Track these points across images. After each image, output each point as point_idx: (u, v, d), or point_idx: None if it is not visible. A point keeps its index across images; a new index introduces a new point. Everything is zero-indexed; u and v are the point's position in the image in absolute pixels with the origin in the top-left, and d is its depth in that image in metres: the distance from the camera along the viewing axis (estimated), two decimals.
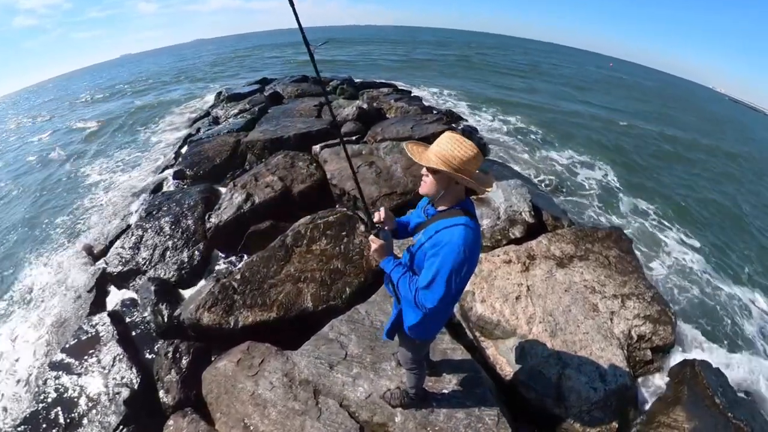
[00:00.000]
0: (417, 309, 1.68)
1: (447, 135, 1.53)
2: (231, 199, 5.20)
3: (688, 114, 26.22)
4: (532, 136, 11.79)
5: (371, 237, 1.76)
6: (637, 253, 4.95)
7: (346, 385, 2.77)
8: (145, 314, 4.05)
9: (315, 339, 3.14)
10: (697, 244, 7.00)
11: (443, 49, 41.98)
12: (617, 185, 9.08)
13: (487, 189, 1.56)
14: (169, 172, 7.20)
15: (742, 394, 3.42)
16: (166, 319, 3.89)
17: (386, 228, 1.82)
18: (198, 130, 9.91)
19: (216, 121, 10.35)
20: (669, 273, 5.81)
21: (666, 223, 7.61)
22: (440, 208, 1.64)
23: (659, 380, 3.34)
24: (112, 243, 5.34)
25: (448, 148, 1.50)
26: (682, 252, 6.53)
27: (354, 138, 7.01)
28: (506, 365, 3.11)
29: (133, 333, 3.96)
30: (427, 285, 1.55)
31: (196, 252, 4.73)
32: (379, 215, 1.83)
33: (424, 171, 1.60)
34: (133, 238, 5.10)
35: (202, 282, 4.41)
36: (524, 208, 4.71)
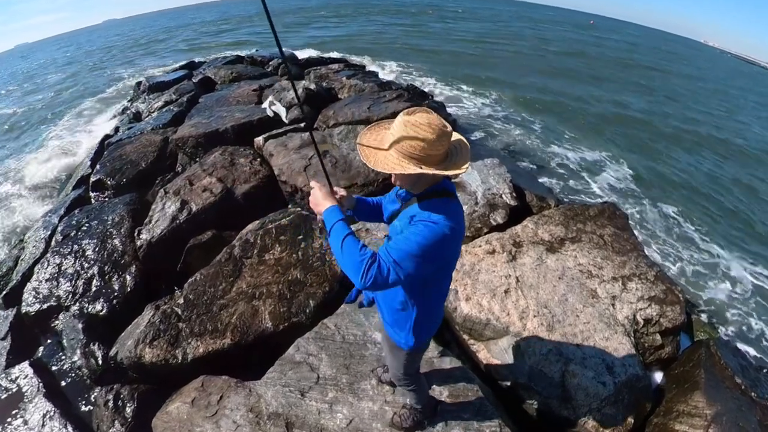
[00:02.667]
0: (368, 281, 1.37)
1: (399, 119, 1.41)
2: (163, 210, 4.93)
3: (684, 72, 27.21)
4: (507, 111, 11.95)
5: (312, 182, 1.70)
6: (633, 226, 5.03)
7: (322, 414, 2.67)
8: (75, 358, 3.81)
9: (280, 364, 3.02)
10: (695, 214, 7.31)
11: (395, 18, 41.49)
12: (601, 157, 9.33)
13: (458, 171, 1.42)
14: (86, 183, 6.69)
15: (765, 371, 3.54)
16: (100, 362, 3.68)
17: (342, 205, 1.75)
18: (116, 129, 9.32)
19: (137, 117, 9.79)
20: (670, 247, 6.00)
21: (657, 195, 7.88)
22: (416, 192, 1.60)
23: (673, 366, 3.40)
24: (25, 277, 4.95)
25: (402, 134, 1.38)
26: (681, 224, 6.79)
27: (303, 125, 6.72)
28: (502, 368, 3.09)
29: (63, 383, 3.70)
30: (393, 248, 1.39)
31: (128, 277, 4.45)
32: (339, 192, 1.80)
33: None
34: (50, 268, 4.71)
35: (139, 312, 4.07)
36: (504, 190, 4.68)
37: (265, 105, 5.52)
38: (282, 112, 5.35)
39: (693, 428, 2.79)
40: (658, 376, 3.42)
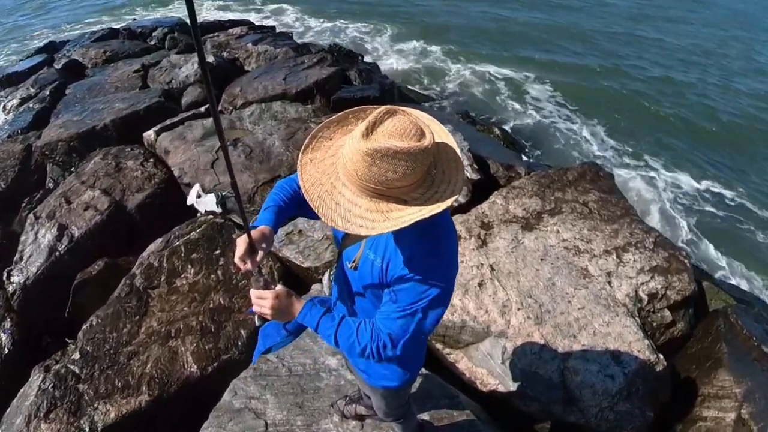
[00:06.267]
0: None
1: (355, 150, 1.10)
2: (36, 241, 4.53)
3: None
4: (450, 57, 11.65)
5: (255, 290, 1.41)
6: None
7: None
8: None
9: (216, 416, 2.78)
10: (683, 164, 7.47)
11: None
12: (566, 105, 9.37)
13: (455, 195, 1.19)
14: None
15: None
16: None
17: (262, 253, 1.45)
18: None
19: None
20: (665, 207, 6.03)
21: (637, 148, 7.99)
22: None
23: (689, 344, 3.38)
24: None
25: (369, 174, 1.10)
26: (669, 177, 6.88)
27: (203, 109, 6.31)
28: (488, 377, 2.99)
29: None
30: (398, 312, 1.31)
31: (2, 334, 4.06)
32: (248, 263, 1.41)
33: None
34: None
35: (25, 379, 3.68)
36: (464, 162, 4.53)
37: (192, 200, 4.73)
38: (211, 202, 4.61)
39: (723, 412, 2.79)
40: (674, 358, 3.39)
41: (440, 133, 1.27)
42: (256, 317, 1.52)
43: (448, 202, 1.15)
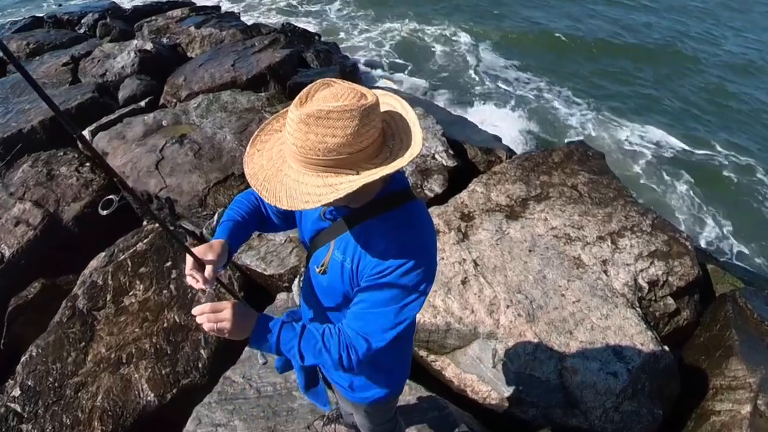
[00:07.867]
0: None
1: (292, 118, 1.09)
2: None
3: None
4: (417, 32, 11.34)
5: (208, 304, 1.30)
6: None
7: None
8: None
9: None
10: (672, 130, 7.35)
11: None
12: (547, 84, 9.20)
13: (412, 153, 1.16)
14: None
15: None
16: None
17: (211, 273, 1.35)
18: None
19: None
20: (659, 181, 5.91)
21: (623, 116, 7.85)
22: (356, 205, 1.33)
23: (697, 332, 3.33)
24: None
25: (307, 143, 1.07)
26: (661, 145, 6.79)
27: (143, 103, 6.09)
28: (479, 383, 2.89)
29: None
30: (377, 312, 1.29)
31: None
32: (200, 280, 1.33)
33: None
34: None
35: None
36: (438, 148, 4.43)
37: None
38: None
39: (737, 404, 2.73)
40: (681, 350, 3.34)
41: (395, 104, 1.26)
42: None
43: (403, 161, 1.12)
